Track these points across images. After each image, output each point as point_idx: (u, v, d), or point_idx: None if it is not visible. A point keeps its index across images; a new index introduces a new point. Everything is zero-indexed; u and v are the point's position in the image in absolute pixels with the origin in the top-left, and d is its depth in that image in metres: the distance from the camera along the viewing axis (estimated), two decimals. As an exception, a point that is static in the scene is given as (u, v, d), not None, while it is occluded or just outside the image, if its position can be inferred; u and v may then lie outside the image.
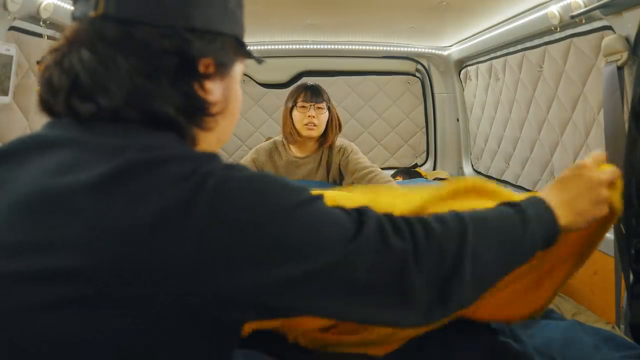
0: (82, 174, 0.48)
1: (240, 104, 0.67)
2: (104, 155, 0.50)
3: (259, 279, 0.49)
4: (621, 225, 1.30)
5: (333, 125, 1.99)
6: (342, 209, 0.58)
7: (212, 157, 0.53)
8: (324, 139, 1.98)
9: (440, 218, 0.63)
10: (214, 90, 0.59)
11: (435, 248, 0.59)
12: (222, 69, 0.60)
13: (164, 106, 0.55)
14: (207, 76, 0.58)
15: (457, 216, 0.64)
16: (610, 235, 1.44)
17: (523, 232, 0.67)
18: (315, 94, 1.97)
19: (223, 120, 0.62)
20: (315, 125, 1.94)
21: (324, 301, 0.53)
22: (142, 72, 0.53)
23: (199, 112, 0.58)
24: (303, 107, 1.94)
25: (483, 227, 0.64)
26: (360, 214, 0.57)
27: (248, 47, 0.65)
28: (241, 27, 0.64)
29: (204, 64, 0.57)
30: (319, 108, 1.95)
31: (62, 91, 0.54)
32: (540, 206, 0.71)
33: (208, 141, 0.61)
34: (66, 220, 0.47)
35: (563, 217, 0.71)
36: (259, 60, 0.68)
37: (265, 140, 2.82)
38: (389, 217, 0.60)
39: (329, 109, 1.98)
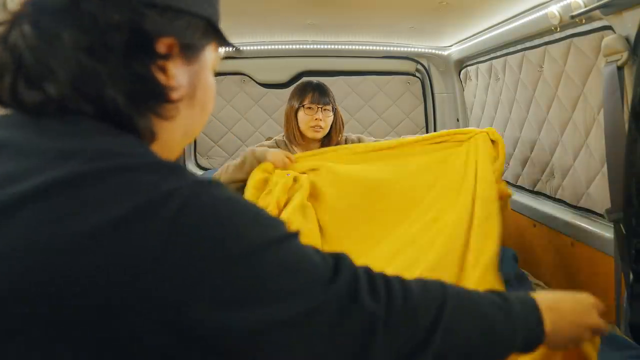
0: (17, 187, 0.42)
1: (213, 95, 0.61)
2: (47, 163, 0.43)
3: (212, 317, 0.43)
4: (621, 225, 1.30)
5: (337, 127, 1.98)
6: (318, 251, 0.52)
7: (179, 169, 0.47)
8: (327, 140, 1.97)
9: (422, 281, 0.59)
10: (177, 75, 0.53)
11: (410, 314, 0.54)
12: (187, 52, 0.54)
13: (114, 91, 0.48)
14: (167, 57, 0.51)
15: (441, 284, 0.60)
16: (610, 235, 1.44)
17: (504, 321, 0.62)
18: (322, 95, 1.94)
19: (188, 109, 0.56)
20: (321, 128, 1.92)
21: (271, 355, 0.46)
22: (88, 49, 0.47)
23: (155, 97, 0.52)
24: (310, 108, 1.91)
25: (464, 302, 0.60)
26: (337, 261, 0.52)
27: (223, 33, 0.60)
28: (214, 8, 0.59)
29: (165, 44, 0.51)
30: (325, 110, 1.92)
31: (8, 73, 0.49)
32: (530, 303, 0.66)
33: (171, 133, 0.55)
34: None
35: (550, 323, 0.66)
36: (236, 48, 0.62)
37: (265, 140, 2.83)
38: (367, 271, 0.55)
39: (334, 110, 1.96)
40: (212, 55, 0.59)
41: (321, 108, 1.91)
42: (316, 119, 1.90)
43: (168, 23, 0.51)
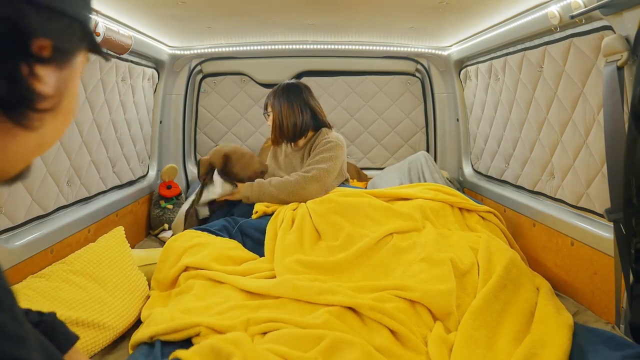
0: None
1: (77, 105, 0.56)
2: None
3: None
4: (621, 225, 1.30)
5: (275, 127, 2.19)
6: None
7: None
8: (285, 138, 2.19)
9: None
10: (47, 80, 0.48)
11: None
12: (60, 56, 0.49)
13: None
14: (41, 60, 0.47)
15: None
16: (610, 235, 1.44)
17: None
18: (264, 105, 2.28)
19: (51, 120, 0.51)
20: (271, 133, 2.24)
21: None
22: None
23: (23, 103, 0.46)
24: None
25: None
26: None
27: (96, 39, 0.55)
28: (89, 11, 0.55)
29: (39, 45, 0.46)
30: (267, 115, 2.25)
31: None
32: None
33: (22, 145, 0.49)
34: None
35: None
36: (105, 57, 0.58)
37: (266, 141, 2.83)
38: None
39: (275, 111, 2.18)
40: (82, 61, 0.55)
41: (265, 115, 2.27)
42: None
43: (45, 23, 0.46)
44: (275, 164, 2.30)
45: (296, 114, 2.14)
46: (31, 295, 1.29)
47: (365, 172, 2.88)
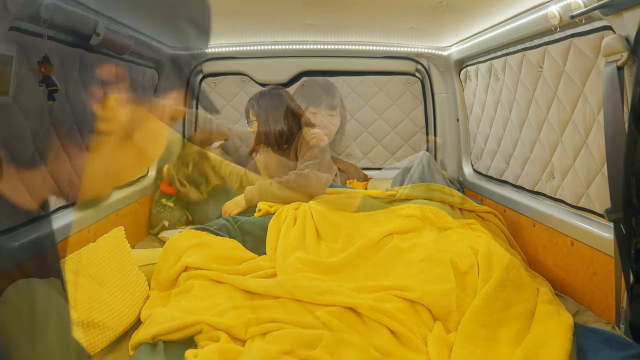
0: None
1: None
2: None
3: None
4: (621, 225, 1.30)
5: (260, 135, 2.23)
6: None
7: None
8: (271, 145, 2.25)
9: None
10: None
11: None
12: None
13: None
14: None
15: None
16: (610, 235, 1.44)
17: None
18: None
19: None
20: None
21: None
22: None
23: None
24: None
25: None
26: None
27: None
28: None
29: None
30: (251, 123, 2.30)
31: None
32: None
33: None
34: None
35: None
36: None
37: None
38: None
39: (258, 121, 2.24)
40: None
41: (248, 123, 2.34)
42: None
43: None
44: (266, 173, 2.33)
45: (281, 121, 2.20)
46: (31, 295, 1.29)
47: (365, 172, 2.88)
